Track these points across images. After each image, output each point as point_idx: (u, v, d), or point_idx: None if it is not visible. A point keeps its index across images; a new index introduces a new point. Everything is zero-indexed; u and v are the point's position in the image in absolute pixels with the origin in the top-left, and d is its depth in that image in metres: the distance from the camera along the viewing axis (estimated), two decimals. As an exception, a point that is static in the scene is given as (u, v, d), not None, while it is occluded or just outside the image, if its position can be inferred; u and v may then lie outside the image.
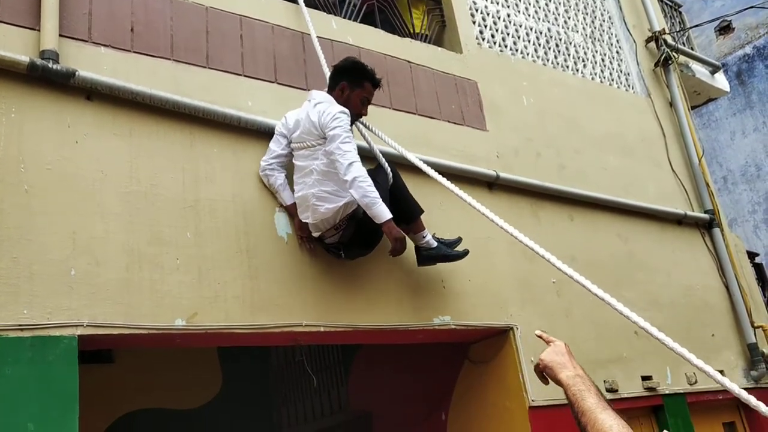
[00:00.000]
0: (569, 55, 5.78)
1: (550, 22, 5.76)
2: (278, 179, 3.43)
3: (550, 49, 5.63)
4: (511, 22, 5.43)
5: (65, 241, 2.78)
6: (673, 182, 5.88)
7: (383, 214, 3.20)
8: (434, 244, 3.67)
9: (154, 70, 3.30)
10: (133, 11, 3.35)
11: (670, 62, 6.40)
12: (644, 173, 5.66)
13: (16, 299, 2.59)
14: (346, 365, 5.81)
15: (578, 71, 5.78)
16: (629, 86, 6.19)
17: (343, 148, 3.18)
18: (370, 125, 3.65)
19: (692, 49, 7.59)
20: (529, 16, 5.61)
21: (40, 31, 2.97)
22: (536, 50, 5.51)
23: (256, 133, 3.52)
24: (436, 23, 4.98)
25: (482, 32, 5.16)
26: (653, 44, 6.49)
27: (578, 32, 5.99)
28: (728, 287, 5.68)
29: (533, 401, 3.93)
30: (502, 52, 5.21)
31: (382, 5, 4.63)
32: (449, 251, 3.72)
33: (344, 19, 4.32)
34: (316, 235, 3.41)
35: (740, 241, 6.56)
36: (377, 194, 3.19)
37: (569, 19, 5.99)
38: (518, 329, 4.10)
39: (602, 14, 6.37)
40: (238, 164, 3.42)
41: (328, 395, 5.96)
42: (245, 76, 3.63)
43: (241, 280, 3.20)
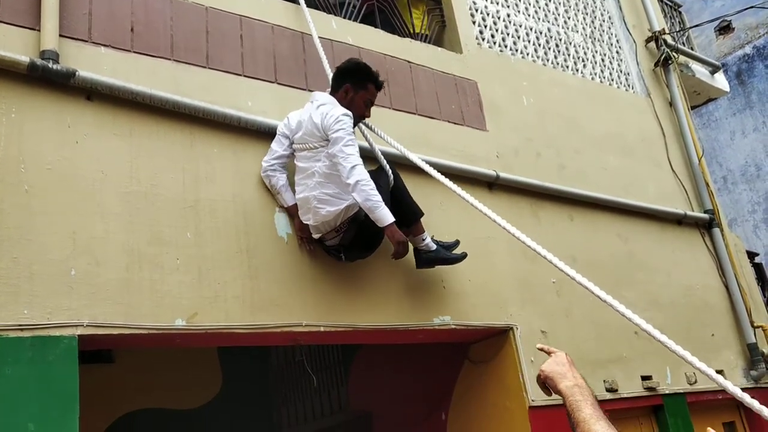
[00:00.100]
0: (569, 55, 5.78)
1: (550, 22, 5.77)
2: (280, 180, 3.42)
3: (550, 49, 5.63)
4: (511, 22, 5.43)
5: (65, 241, 2.78)
6: (673, 182, 5.88)
7: (386, 217, 3.20)
8: (433, 246, 3.66)
9: (154, 70, 3.31)
10: (133, 11, 3.35)
11: (670, 62, 6.41)
12: (644, 173, 5.66)
13: (16, 299, 2.59)
14: (346, 365, 5.81)
15: (578, 71, 5.78)
16: (629, 86, 6.19)
17: (345, 151, 3.17)
18: (372, 126, 3.66)
19: (692, 49, 7.59)
20: (529, 16, 5.61)
21: (40, 31, 2.97)
22: (536, 50, 5.51)
23: (256, 133, 3.52)
24: (436, 23, 4.98)
25: (482, 32, 5.16)
26: (653, 44, 6.49)
27: (578, 32, 5.99)
28: (728, 287, 5.68)
29: (533, 401, 3.93)
30: (502, 52, 5.21)
31: (382, 5, 4.62)
32: (448, 254, 3.72)
33: (344, 19, 4.32)
34: (316, 236, 3.40)
35: (740, 240, 6.56)
36: (380, 198, 3.19)
37: (569, 19, 5.99)
38: (518, 329, 4.10)
39: (602, 14, 6.38)
40: (238, 164, 3.42)
41: (328, 395, 5.96)
42: (245, 76, 3.63)
43: (241, 280, 3.20)
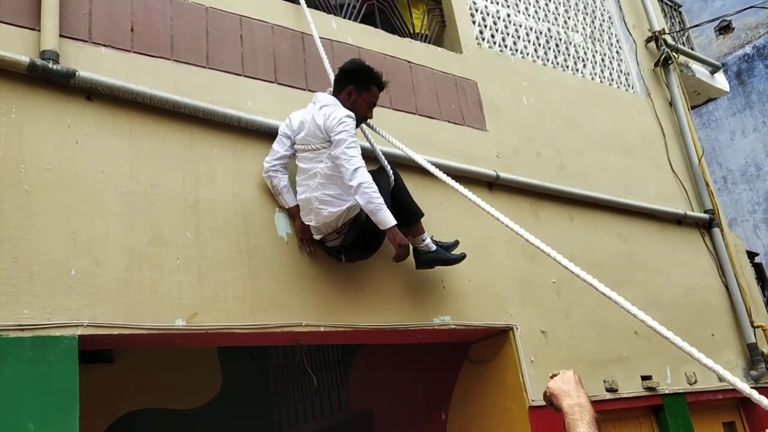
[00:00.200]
0: (569, 55, 5.78)
1: (550, 22, 5.77)
2: (281, 181, 3.41)
3: (550, 49, 5.63)
4: (511, 22, 5.43)
5: (65, 241, 2.78)
6: (672, 182, 5.88)
7: (388, 220, 3.21)
8: (433, 247, 3.66)
9: (154, 70, 3.31)
10: (133, 11, 3.35)
11: (669, 62, 6.41)
12: (644, 173, 5.66)
13: (16, 299, 2.59)
14: (346, 365, 5.81)
15: (578, 71, 5.78)
16: (629, 86, 6.19)
17: (348, 153, 3.18)
18: (375, 126, 3.65)
19: (692, 49, 7.59)
20: (529, 16, 5.61)
21: (40, 31, 2.97)
22: (536, 50, 5.51)
23: (256, 133, 3.52)
24: (436, 23, 4.98)
25: (482, 32, 5.16)
26: (653, 44, 6.49)
27: (578, 32, 5.99)
28: (728, 287, 5.68)
29: (533, 401, 3.93)
30: (502, 52, 5.21)
31: (381, 5, 4.62)
32: (448, 255, 3.72)
33: (344, 19, 4.32)
34: (317, 237, 3.40)
35: (740, 240, 6.56)
36: (382, 200, 3.20)
37: (569, 19, 5.99)
38: (518, 329, 4.10)
39: (602, 14, 6.38)
40: (238, 164, 3.42)
41: (328, 395, 5.96)
42: (245, 76, 3.63)
43: (241, 280, 3.20)
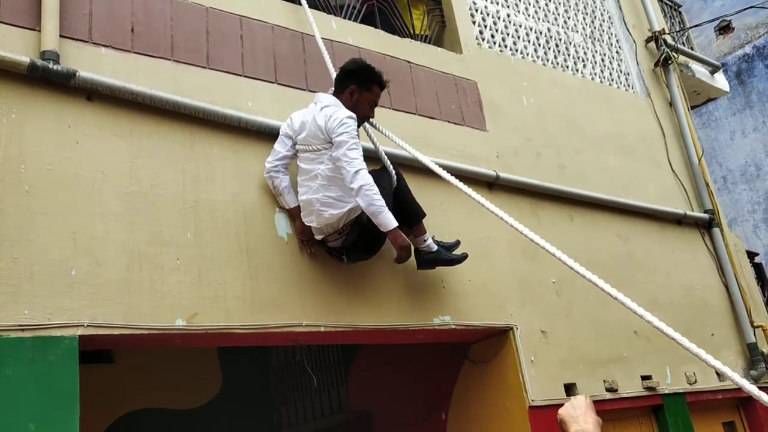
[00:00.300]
0: (569, 55, 5.78)
1: (550, 22, 5.77)
2: (283, 182, 3.40)
3: (550, 49, 5.63)
4: (511, 22, 5.43)
5: (66, 241, 2.78)
6: (672, 182, 5.88)
7: (389, 222, 3.19)
8: (435, 247, 3.65)
9: (154, 70, 3.31)
10: (133, 12, 3.35)
11: (669, 62, 6.41)
12: (644, 173, 5.66)
13: (16, 299, 2.60)
14: (346, 365, 5.81)
15: (578, 71, 5.78)
16: (629, 86, 6.19)
17: (349, 155, 3.16)
18: (377, 125, 3.64)
19: (692, 49, 7.59)
20: (529, 16, 5.61)
21: (40, 31, 2.97)
22: (536, 50, 5.51)
23: (256, 133, 3.52)
24: (436, 23, 4.98)
25: (482, 32, 5.16)
26: (653, 44, 6.49)
27: (578, 32, 5.99)
28: (728, 287, 5.68)
29: (533, 401, 3.94)
30: (502, 52, 5.21)
31: (381, 5, 4.62)
32: (449, 255, 3.71)
33: (344, 19, 4.32)
34: (319, 238, 3.39)
35: (740, 240, 6.56)
36: (383, 202, 3.18)
37: (569, 19, 5.99)
38: (518, 329, 4.10)
39: (602, 14, 6.38)
40: (238, 164, 3.42)
41: (328, 395, 5.97)
42: (245, 76, 3.63)
43: (241, 280, 3.20)
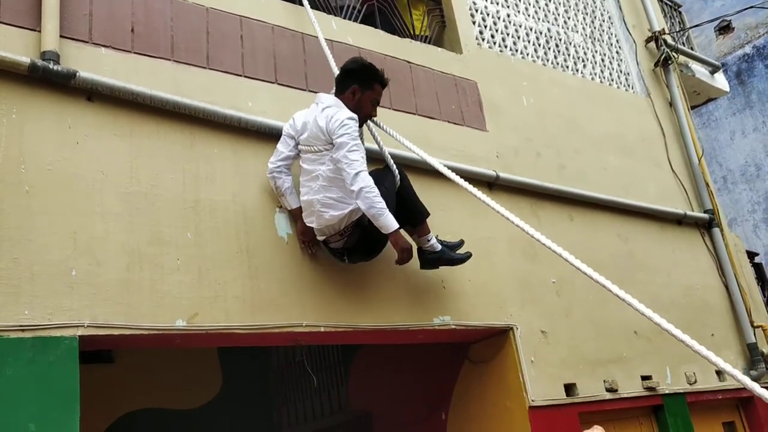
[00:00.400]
0: (569, 55, 5.78)
1: (550, 22, 5.77)
2: (285, 183, 3.39)
3: (550, 49, 5.63)
4: (511, 22, 5.43)
5: (66, 241, 2.78)
6: (672, 182, 5.88)
7: (390, 224, 3.17)
8: (438, 247, 3.63)
9: (154, 70, 3.31)
10: (133, 12, 3.35)
11: (669, 62, 6.41)
12: (644, 173, 5.67)
13: (16, 300, 2.60)
14: (346, 365, 5.81)
15: (578, 71, 5.78)
16: (629, 86, 6.20)
17: (350, 156, 3.14)
18: (381, 123, 3.62)
19: (692, 49, 7.59)
20: (528, 16, 5.61)
21: (40, 32, 2.97)
22: (536, 50, 5.51)
23: (256, 133, 3.53)
24: (436, 23, 4.98)
25: (482, 32, 5.16)
26: (653, 44, 6.49)
27: (578, 32, 5.99)
28: (728, 287, 5.68)
29: (533, 401, 3.94)
30: (501, 52, 5.21)
31: (382, 6, 4.62)
32: (453, 255, 3.70)
33: (344, 19, 4.32)
34: (320, 239, 3.39)
35: (740, 240, 6.57)
36: (384, 204, 3.15)
37: (569, 19, 5.99)
38: (518, 329, 4.11)
39: (602, 14, 6.38)
40: (238, 165, 3.42)
41: (328, 395, 5.97)
42: (245, 76, 3.63)
43: (241, 280, 3.20)
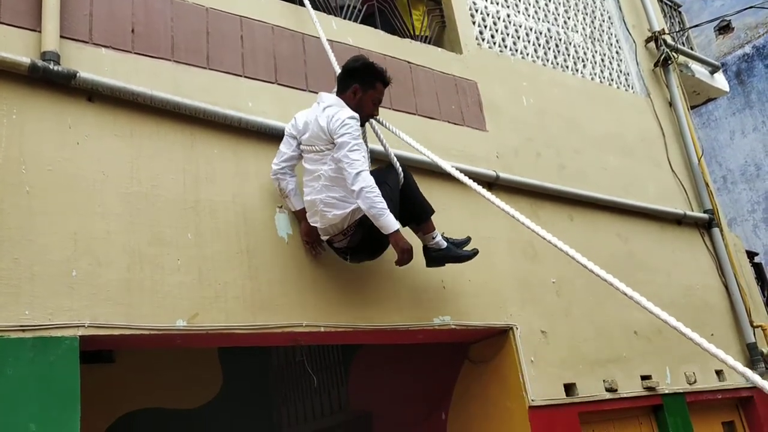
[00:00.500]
0: (569, 55, 5.79)
1: (549, 22, 5.77)
2: (289, 184, 3.39)
3: (549, 49, 5.64)
4: (510, 22, 5.43)
5: (66, 241, 2.78)
6: (672, 182, 5.89)
7: (391, 225, 3.14)
8: (444, 244, 3.61)
9: (154, 71, 3.31)
10: (133, 12, 3.36)
11: (669, 62, 6.41)
12: (644, 173, 5.67)
13: (17, 300, 2.60)
14: (346, 365, 5.81)
15: (578, 71, 5.78)
16: (629, 86, 6.20)
17: (351, 156, 3.12)
18: (384, 121, 3.60)
19: (692, 49, 7.60)
20: (528, 16, 5.62)
21: (41, 32, 2.97)
22: (536, 50, 5.51)
23: (256, 133, 3.53)
24: (436, 24, 4.99)
25: (482, 32, 5.16)
26: (653, 44, 6.50)
27: (578, 32, 6.00)
28: (728, 287, 5.68)
29: (533, 401, 3.94)
30: (501, 52, 5.22)
31: (382, 6, 4.63)
32: (459, 252, 3.67)
33: (344, 20, 4.32)
34: (324, 238, 3.38)
35: (739, 240, 6.57)
36: (384, 204, 3.12)
37: (569, 19, 5.99)
38: (518, 329, 4.11)
39: (602, 14, 6.38)
40: (238, 165, 3.43)
41: (328, 395, 5.97)
42: (245, 77, 3.64)
43: (241, 280, 3.20)
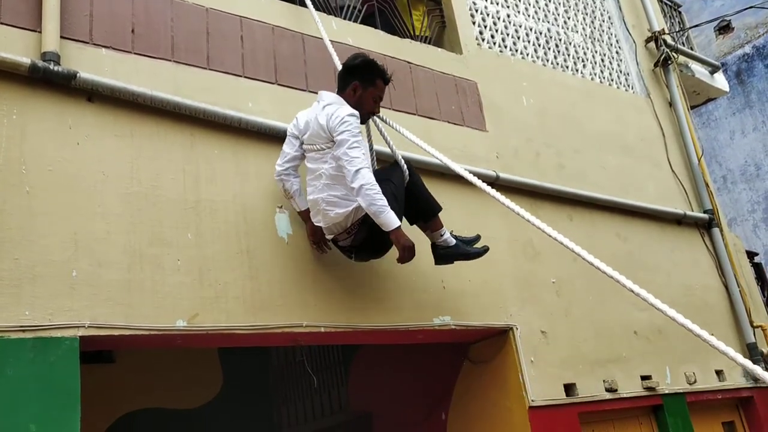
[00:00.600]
0: (569, 55, 5.79)
1: (549, 22, 5.77)
2: (294, 185, 3.38)
3: (549, 49, 5.64)
4: (510, 22, 5.43)
5: (67, 242, 2.79)
6: (672, 182, 5.89)
7: (391, 222, 3.09)
8: (453, 242, 3.57)
9: (154, 71, 3.31)
10: (133, 13, 3.36)
11: (669, 62, 6.42)
12: (644, 173, 5.67)
13: (17, 300, 2.60)
14: (346, 365, 5.81)
15: (578, 71, 5.79)
16: (629, 86, 6.20)
17: (350, 154, 3.09)
18: (386, 118, 3.59)
19: (692, 48, 7.60)
20: (528, 16, 5.62)
21: (41, 32, 2.98)
22: (536, 50, 5.51)
23: (256, 134, 3.53)
24: (436, 24, 4.99)
25: (482, 33, 5.16)
26: (653, 44, 6.50)
27: (578, 32, 6.00)
28: (727, 287, 5.69)
29: (533, 401, 3.95)
30: (501, 52, 5.22)
31: (382, 6, 4.63)
32: (469, 249, 3.62)
33: (344, 20, 4.33)
34: (329, 237, 3.36)
35: (739, 240, 6.57)
36: (385, 201, 3.09)
37: (569, 19, 5.99)
38: (518, 329, 4.11)
39: (602, 14, 6.38)
40: (238, 165, 3.43)
41: (328, 395, 5.97)
42: (245, 77, 3.64)
43: (241, 280, 3.21)
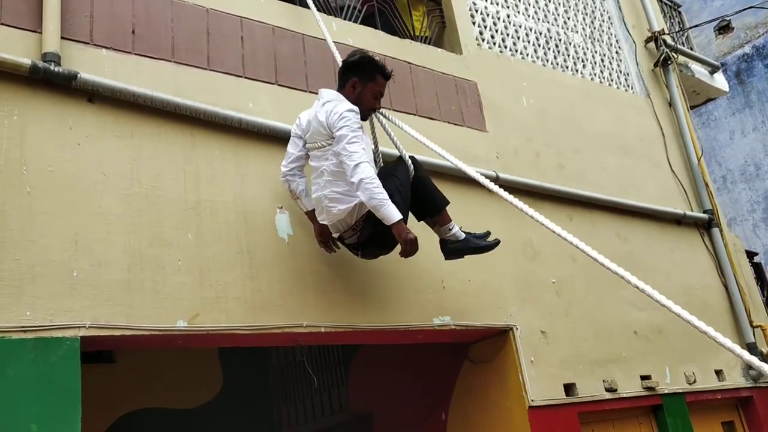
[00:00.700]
0: (569, 55, 5.79)
1: (549, 22, 5.78)
2: (299, 185, 3.37)
3: (549, 49, 5.64)
4: (510, 22, 5.44)
5: (67, 242, 2.79)
6: (672, 182, 5.89)
7: (392, 215, 3.05)
8: (462, 235, 3.53)
9: (155, 72, 3.32)
10: (134, 13, 3.36)
11: (669, 62, 6.42)
12: (643, 173, 5.68)
13: (18, 301, 2.61)
14: (346, 365, 5.82)
15: (578, 71, 5.79)
16: (628, 86, 6.20)
17: (349, 149, 3.07)
18: (389, 115, 3.58)
19: (691, 49, 7.60)
20: (528, 16, 5.62)
21: (41, 33, 2.98)
22: (536, 51, 5.52)
23: (256, 134, 3.53)
24: (436, 24, 4.99)
25: (482, 33, 5.17)
26: (652, 44, 6.50)
27: (578, 32, 6.00)
28: (727, 287, 5.69)
29: (533, 401, 3.95)
30: (501, 52, 5.22)
31: (382, 6, 4.63)
32: (479, 242, 3.58)
33: (344, 20, 4.33)
34: (335, 235, 3.34)
35: (739, 240, 6.57)
36: (385, 195, 3.05)
37: (569, 19, 6.00)
38: (518, 329, 4.12)
39: (602, 14, 6.39)
40: (238, 166, 3.43)
41: (328, 395, 5.98)
42: (246, 77, 3.64)
43: (242, 281, 3.21)
